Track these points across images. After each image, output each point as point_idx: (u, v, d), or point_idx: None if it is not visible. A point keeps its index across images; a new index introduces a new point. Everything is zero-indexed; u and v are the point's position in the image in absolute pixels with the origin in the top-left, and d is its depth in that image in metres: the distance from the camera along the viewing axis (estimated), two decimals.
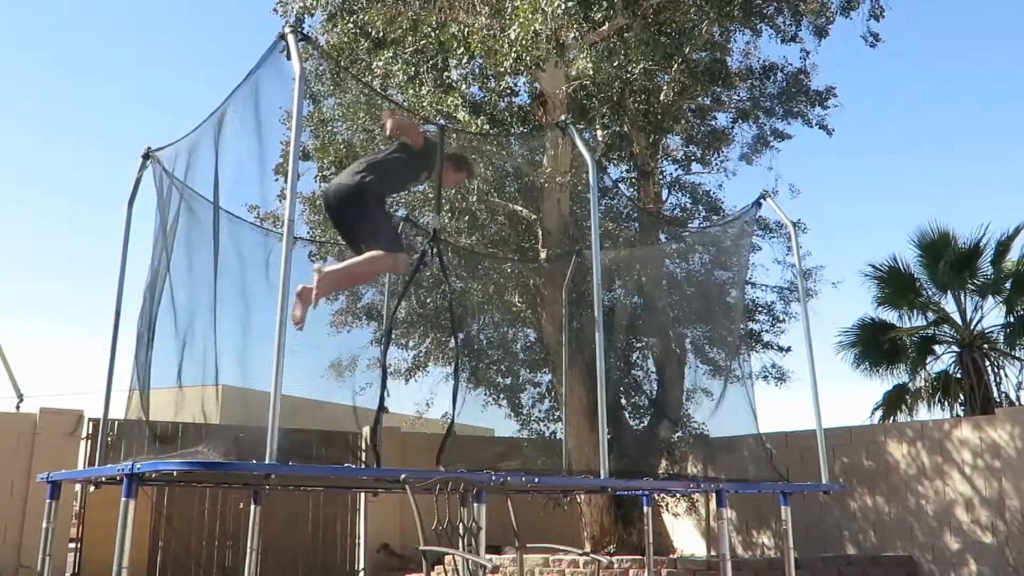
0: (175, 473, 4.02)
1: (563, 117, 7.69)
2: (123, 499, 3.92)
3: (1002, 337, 13.08)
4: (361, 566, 11.72)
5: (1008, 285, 13.06)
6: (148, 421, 5.91)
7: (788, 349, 12.08)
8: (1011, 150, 27.96)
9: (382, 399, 5.89)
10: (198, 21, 34.05)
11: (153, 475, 4.11)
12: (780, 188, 12.62)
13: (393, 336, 8.04)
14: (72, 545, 10.09)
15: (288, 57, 4.60)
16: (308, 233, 10.39)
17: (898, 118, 29.25)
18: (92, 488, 7.73)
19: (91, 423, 10.34)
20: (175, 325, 5.61)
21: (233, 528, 10.92)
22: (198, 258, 5.65)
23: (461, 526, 4.48)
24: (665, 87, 11.56)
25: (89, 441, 10.26)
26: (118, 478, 4.18)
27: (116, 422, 6.62)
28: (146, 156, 6.13)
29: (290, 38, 4.60)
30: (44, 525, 5.27)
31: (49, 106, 34.36)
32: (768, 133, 12.49)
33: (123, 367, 5.92)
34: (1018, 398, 12.90)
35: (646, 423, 11.55)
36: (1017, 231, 13.08)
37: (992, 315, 13.36)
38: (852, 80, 26.63)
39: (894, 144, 29.32)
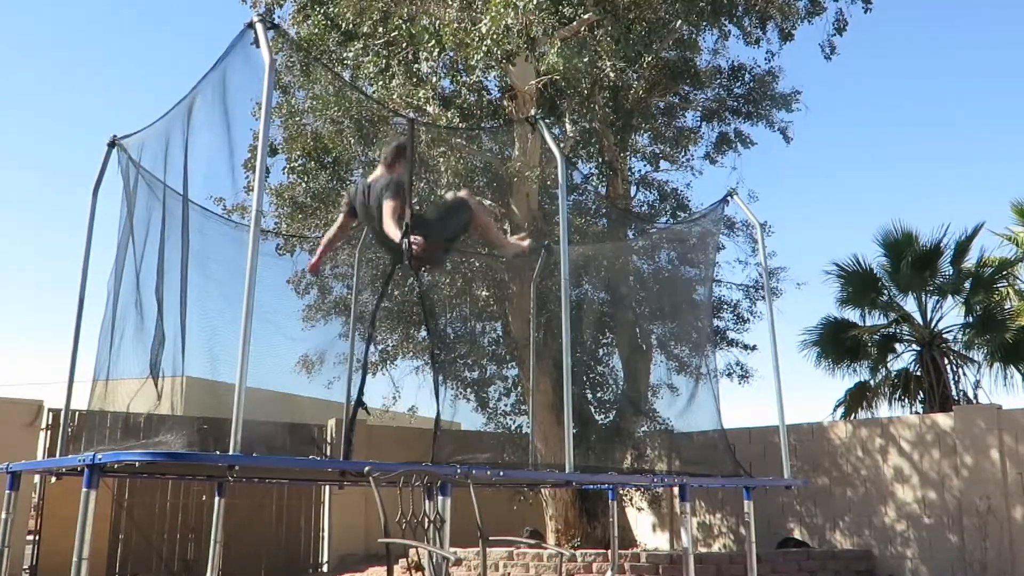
0: (138, 464, 3.99)
1: (532, 112, 7.71)
2: (84, 490, 3.88)
3: (960, 336, 13.33)
4: (325, 559, 11.68)
5: (967, 285, 13.31)
6: (111, 412, 5.84)
7: (754, 347, 12.22)
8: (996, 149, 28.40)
9: (360, 394, 5.87)
10: (166, 6, 33.59)
11: (115, 466, 4.07)
12: (741, 192, 12.72)
13: (360, 330, 8.00)
14: (31, 537, 9.96)
15: (257, 46, 4.57)
16: (275, 226, 10.31)
17: (864, 122, 29.64)
18: (52, 479, 7.63)
19: (51, 413, 10.19)
20: (140, 315, 5.55)
21: (195, 520, 10.84)
22: (164, 248, 5.59)
23: (426, 519, 4.49)
24: (635, 84, 11.60)
25: (48, 432, 10.12)
26: (79, 468, 4.13)
27: (77, 412, 6.53)
28: (112, 144, 6.06)
29: (259, 27, 4.57)
30: (3, 516, 5.20)
31: (10, 90, 33.71)
32: (732, 135, 12.60)
33: (86, 357, 5.86)
34: (975, 396, 13.16)
35: (612, 418, 11.60)
36: (975, 232, 13.34)
37: (952, 315, 13.61)
38: (818, 84, 26.93)
39: (859, 148, 29.71)
